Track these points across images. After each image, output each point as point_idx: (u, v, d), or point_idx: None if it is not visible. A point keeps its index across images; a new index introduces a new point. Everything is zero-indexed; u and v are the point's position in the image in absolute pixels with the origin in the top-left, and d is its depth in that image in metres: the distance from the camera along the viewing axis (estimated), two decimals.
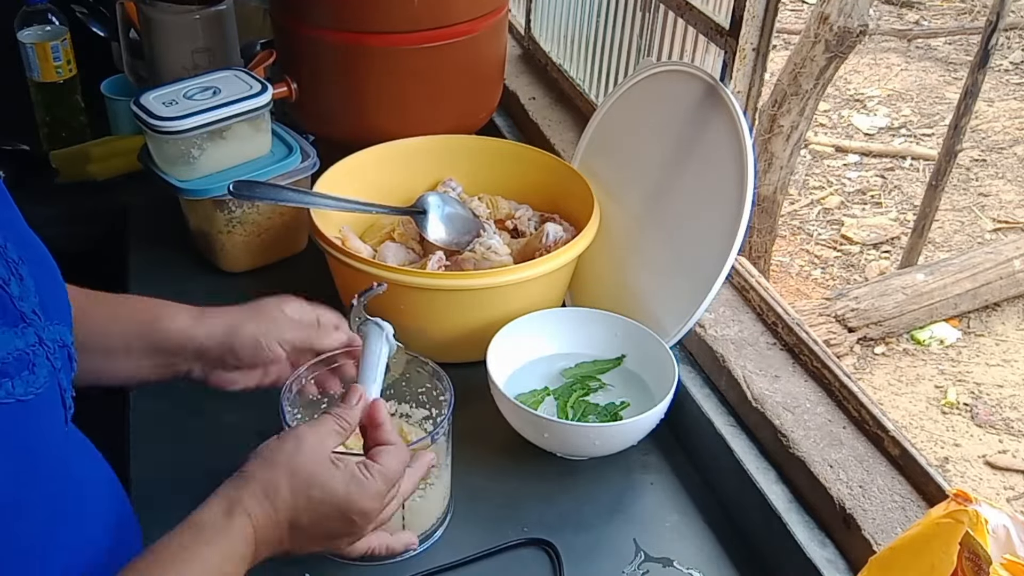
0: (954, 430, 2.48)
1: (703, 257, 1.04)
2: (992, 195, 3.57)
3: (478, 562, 0.92)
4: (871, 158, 3.81)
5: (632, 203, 1.18)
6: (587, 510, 0.99)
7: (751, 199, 1.01)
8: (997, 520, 0.68)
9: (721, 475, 1.01)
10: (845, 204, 3.53)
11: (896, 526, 0.86)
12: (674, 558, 0.94)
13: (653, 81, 1.19)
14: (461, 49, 1.32)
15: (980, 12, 4.87)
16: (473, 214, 1.24)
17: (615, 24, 1.45)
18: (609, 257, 1.19)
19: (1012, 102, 4.20)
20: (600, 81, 1.52)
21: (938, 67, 4.51)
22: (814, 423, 0.98)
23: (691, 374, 1.11)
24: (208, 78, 1.25)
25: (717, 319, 1.13)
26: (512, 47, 1.75)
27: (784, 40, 4.42)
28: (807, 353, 1.06)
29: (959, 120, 2.72)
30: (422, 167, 1.31)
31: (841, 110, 4.16)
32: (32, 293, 0.65)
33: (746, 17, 1.07)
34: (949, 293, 2.79)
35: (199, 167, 1.21)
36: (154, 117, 1.17)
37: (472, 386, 1.06)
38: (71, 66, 1.53)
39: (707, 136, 1.09)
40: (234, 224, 1.26)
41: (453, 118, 1.38)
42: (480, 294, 1.09)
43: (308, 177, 1.28)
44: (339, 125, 1.36)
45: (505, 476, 1.02)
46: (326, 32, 1.29)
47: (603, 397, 1.09)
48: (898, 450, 0.92)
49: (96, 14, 1.64)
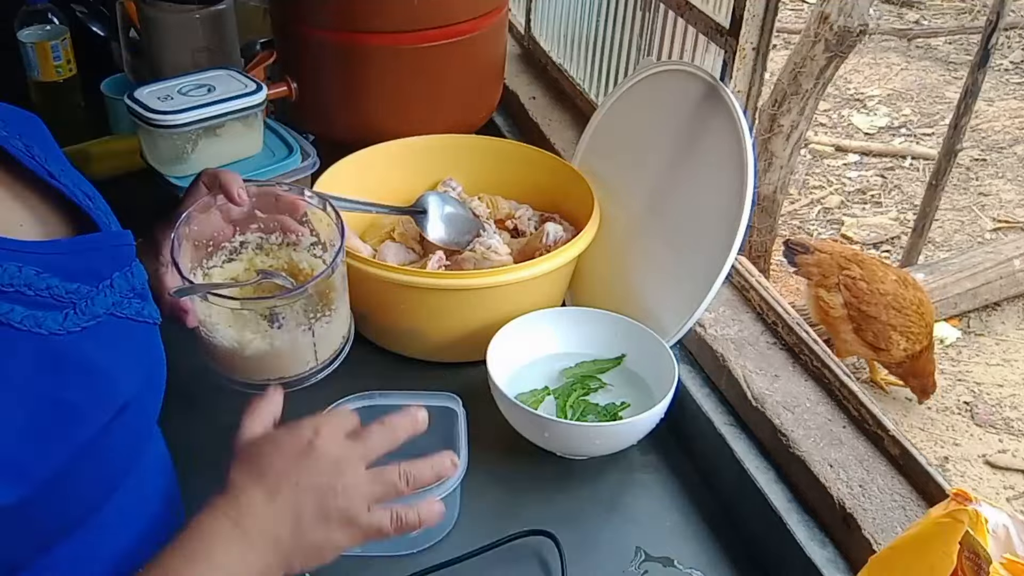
0: (954, 429, 2.48)
1: (703, 257, 1.04)
2: (992, 195, 3.57)
3: (479, 556, 0.92)
4: (871, 158, 3.81)
5: (632, 203, 1.18)
6: (587, 509, 0.99)
7: (751, 199, 1.01)
8: (997, 520, 0.68)
9: (721, 475, 1.01)
10: (845, 204, 3.53)
11: (896, 526, 0.86)
12: (674, 558, 0.94)
13: (653, 81, 1.19)
14: (461, 49, 1.32)
15: (980, 12, 4.86)
16: (473, 214, 1.24)
17: (615, 24, 1.45)
18: (609, 257, 1.19)
19: (1012, 101, 4.20)
20: (600, 81, 1.53)
21: (938, 67, 4.51)
22: (814, 422, 0.98)
23: (691, 374, 1.11)
24: (202, 76, 1.25)
25: (717, 319, 1.13)
26: (512, 47, 1.75)
27: (784, 40, 4.42)
28: (807, 353, 1.06)
29: (959, 119, 2.71)
30: (422, 167, 1.31)
31: (841, 110, 4.15)
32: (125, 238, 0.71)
33: (746, 17, 1.07)
34: (949, 293, 2.79)
35: (193, 163, 1.21)
36: (149, 111, 1.17)
37: (472, 386, 1.07)
38: (71, 65, 1.53)
39: (707, 136, 1.09)
40: None
41: (453, 118, 1.38)
42: (480, 294, 1.09)
43: (308, 177, 1.28)
44: (339, 125, 1.36)
45: (505, 476, 1.02)
46: (326, 32, 1.29)
47: (603, 397, 1.09)
48: (898, 449, 0.92)
49: (96, 14, 1.64)
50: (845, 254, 2.37)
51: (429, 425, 1.00)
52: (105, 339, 0.62)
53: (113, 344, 0.63)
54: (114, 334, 0.63)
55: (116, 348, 0.63)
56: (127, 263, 0.68)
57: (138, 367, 0.65)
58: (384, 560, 0.93)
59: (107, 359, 0.62)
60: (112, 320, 0.63)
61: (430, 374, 1.13)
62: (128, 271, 0.67)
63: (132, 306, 0.66)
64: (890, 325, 2.26)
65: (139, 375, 0.65)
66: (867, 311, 2.27)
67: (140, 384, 0.65)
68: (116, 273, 0.65)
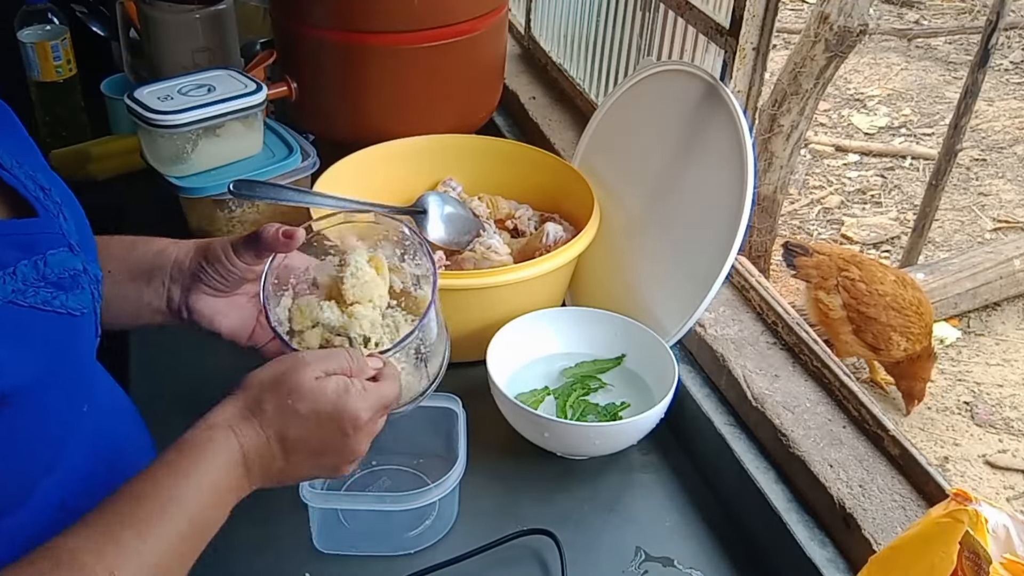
0: (954, 429, 2.48)
1: (703, 257, 1.04)
2: (992, 194, 3.57)
3: (479, 556, 0.92)
4: (871, 158, 3.81)
5: (632, 203, 1.18)
6: (587, 509, 0.99)
7: (751, 198, 1.01)
8: (997, 519, 0.68)
9: (721, 475, 1.01)
10: (845, 203, 3.53)
11: (896, 526, 0.86)
12: (674, 558, 0.94)
13: (653, 81, 1.19)
14: (461, 49, 1.32)
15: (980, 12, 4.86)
16: (473, 214, 1.24)
17: (615, 24, 1.45)
18: (609, 257, 1.19)
19: (1012, 101, 4.20)
20: (600, 81, 1.52)
21: (938, 66, 4.50)
22: (814, 422, 0.98)
23: (691, 374, 1.11)
24: (202, 76, 1.25)
25: (717, 319, 1.13)
26: (512, 47, 1.75)
27: (784, 40, 4.42)
28: (807, 353, 1.06)
29: (959, 119, 2.71)
30: (422, 167, 1.31)
31: (841, 110, 4.15)
32: (74, 231, 0.71)
33: (746, 16, 1.07)
34: (949, 292, 2.79)
35: (193, 164, 1.21)
36: (149, 111, 1.17)
37: (472, 386, 1.07)
38: (71, 66, 1.53)
39: (707, 136, 1.09)
40: (234, 224, 1.26)
41: (453, 118, 1.38)
42: (480, 294, 1.09)
43: (308, 177, 1.28)
44: (339, 125, 1.36)
45: (505, 476, 1.02)
46: (326, 32, 1.29)
47: (603, 397, 1.09)
48: (898, 449, 0.92)
49: (96, 14, 1.64)
50: (844, 255, 2.38)
51: (429, 425, 1.01)
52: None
53: (2, 333, 0.61)
54: (5, 323, 0.62)
55: (4, 336, 0.62)
56: (39, 251, 0.66)
57: (31, 358, 0.63)
58: (384, 560, 0.93)
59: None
60: (9, 308, 0.62)
61: None
62: (39, 259, 0.66)
63: (39, 295, 0.65)
64: (889, 326, 2.26)
65: (32, 367, 0.63)
66: (866, 312, 2.27)
67: (31, 376, 0.63)
68: (23, 261, 0.64)
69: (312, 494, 0.90)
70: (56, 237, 0.69)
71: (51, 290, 0.66)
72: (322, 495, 0.92)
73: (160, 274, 0.85)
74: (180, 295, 0.85)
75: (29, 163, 0.71)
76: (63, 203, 0.72)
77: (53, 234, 0.69)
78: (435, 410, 0.99)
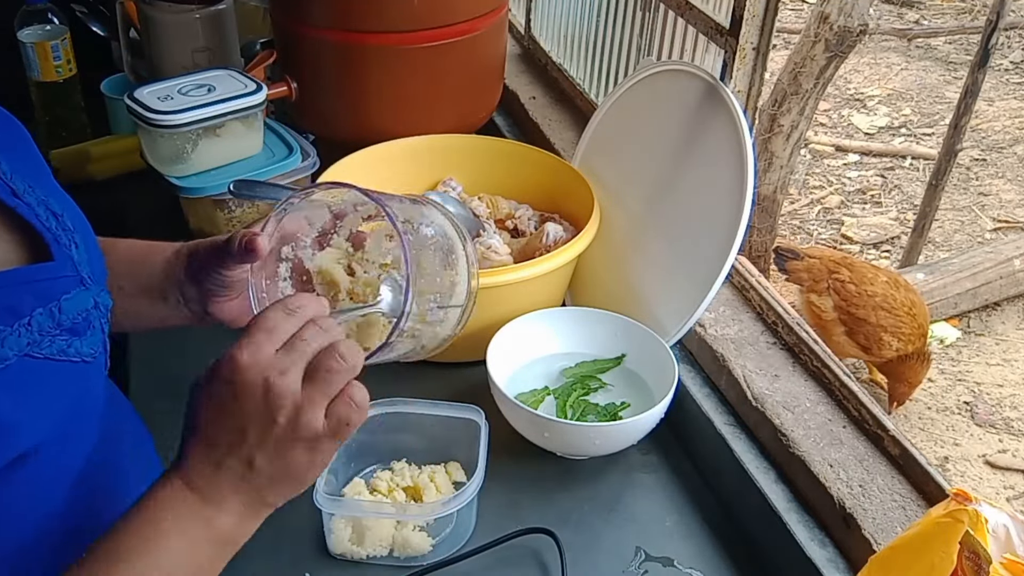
0: (954, 429, 2.48)
1: (703, 257, 1.04)
2: (992, 194, 3.57)
3: (479, 555, 0.92)
4: (871, 157, 3.81)
5: (632, 203, 1.18)
6: (587, 509, 0.99)
7: (751, 198, 1.01)
8: (997, 519, 0.68)
9: (721, 475, 1.01)
10: (845, 203, 3.53)
11: (896, 525, 0.86)
12: (674, 558, 0.94)
13: (653, 81, 1.19)
14: (461, 49, 1.32)
15: (980, 11, 4.86)
16: (473, 214, 1.24)
17: (615, 24, 1.45)
18: (609, 257, 1.19)
19: (1012, 101, 4.20)
20: (600, 81, 1.52)
21: (938, 66, 4.50)
22: (814, 422, 0.98)
23: (691, 374, 1.11)
24: (202, 76, 1.25)
25: (717, 319, 1.13)
26: (512, 47, 1.75)
27: (784, 39, 4.41)
28: (807, 352, 1.06)
29: (959, 119, 2.71)
30: (422, 167, 1.31)
31: (841, 109, 4.15)
32: (86, 259, 0.69)
33: (746, 16, 1.07)
34: (949, 292, 2.79)
35: (193, 163, 1.22)
36: (149, 111, 1.17)
37: (472, 386, 1.06)
38: (71, 65, 1.53)
39: (707, 136, 1.09)
40: (234, 224, 1.26)
41: (453, 118, 1.38)
42: (480, 294, 1.09)
43: (308, 177, 1.28)
44: (339, 125, 1.36)
45: (505, 475, 1.02)
46: (326, 32, 1.29)
47: (603, 397, 1.09)
48: (898, 449, 0.92)
49: (96, 14, 1.65)
50: (834, 258, 2.40)
51: (452, 434, 0.98)
52: (10, 384, 0.58)
53: (20, 389, 0.58)
54: (23, 378, 0.59)
55: (23, 394, 0.59)
56: (54, 297, 0.63)
57: (49, 412, 0.61)
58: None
59: (7, 407, 0.57)
60: (25, 362, 0.59)
61: (430, 374, 1.13)
62: (55, 306, 0.62)
63: (55, 344, 0.61)
64: (880, 326, 2.27)
65: (50, 421, 0.61)
66: (856, 313, 2.28)
67: (50, 431, 0.60)
68: (38, 310, 0.61)
69: (327, 500, 0.89)
70: (70, 280, 0.66)
71: (66, 337, 0.63)
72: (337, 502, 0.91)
73: (173, 292, 0.84)
74: (198, 307, 0.85)
75: (41, 186, 0.69)
76: (75, 229, 0.69)
77: (67, 277, 0.66)
78: (458, 420, 0.98)
